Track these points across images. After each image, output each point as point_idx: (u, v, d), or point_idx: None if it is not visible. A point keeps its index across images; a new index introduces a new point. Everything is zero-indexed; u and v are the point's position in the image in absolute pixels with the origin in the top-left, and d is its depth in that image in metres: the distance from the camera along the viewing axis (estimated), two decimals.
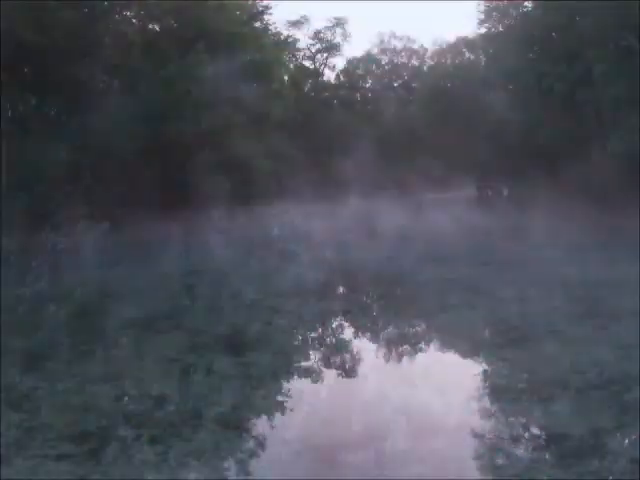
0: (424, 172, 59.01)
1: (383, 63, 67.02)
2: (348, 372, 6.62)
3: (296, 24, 62.46)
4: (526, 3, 36.53)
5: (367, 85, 69.37)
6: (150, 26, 29.37)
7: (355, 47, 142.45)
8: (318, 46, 65.13)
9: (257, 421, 5.10)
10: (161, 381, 5.94)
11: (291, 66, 60.03)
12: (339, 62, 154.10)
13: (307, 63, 65.66)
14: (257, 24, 40.60)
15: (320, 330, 8.68)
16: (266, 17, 41.66)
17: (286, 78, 53.96)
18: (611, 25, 25.78)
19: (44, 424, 4.88)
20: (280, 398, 5.64)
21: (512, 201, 43.56)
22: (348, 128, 56.39)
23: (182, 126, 29.85)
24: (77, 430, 4.75)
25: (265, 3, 41.72)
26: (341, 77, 68.04)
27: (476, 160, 47.71)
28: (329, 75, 66.27)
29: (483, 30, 41.79)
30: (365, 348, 7.54)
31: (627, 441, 4.43)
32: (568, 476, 3.87)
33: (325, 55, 66.01)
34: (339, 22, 65.10)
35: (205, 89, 31.11)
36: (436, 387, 5.82)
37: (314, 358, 7.01)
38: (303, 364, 6.73)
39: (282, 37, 50.84)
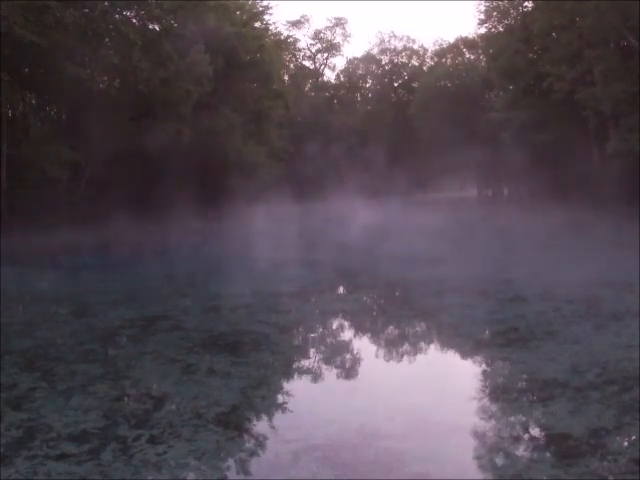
0: (424, 172, 59.17)
1: (383, 63, 67.07)
2: (342, 363, 6.66)
3: (296, 24, 62.73)
4: (526, 3, 36.57)
5: (367, 85, 69.49)
6: (150, 26, 29.34)
7: (355, 47, 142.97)
8: (318, 46, 65.38)
9: (257, 421, 5.10)
10: None
11: (291, 66, 60.12)
12: (339, 62, 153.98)
13: (307, 63, 65.93)
14: (257, 24, 40.66)
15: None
16: (266, 17, 41.81)
17: (286, 78, 54.04)
18: (611, 25, 25.79)
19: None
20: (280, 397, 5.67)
21: (512, 201, 43.68)
22: (348, 128, 56.47)
23: (181, 126, 29.86)
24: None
25: (265, 3, 41.95)
26: (341, 77, 68.19)
27: (476, 160, 47.78)
28: (329, 75, 66.49)
29: (483, 30, 41.87)
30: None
31: (627, 441, 4.44)
32: (568, 476, 3.87)
33: (325, 55, 66.26)
34: (339, 22, 65.38)
35: (205, 89, 31.14)
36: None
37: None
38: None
39: (282, 37, 50.93)
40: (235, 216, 32.08)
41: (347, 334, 8.47)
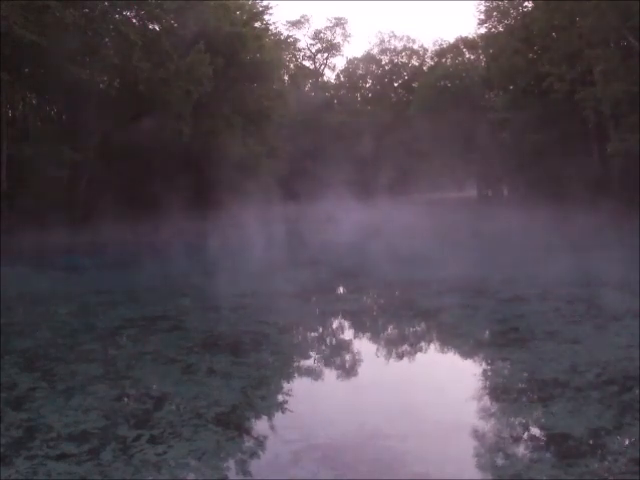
0: (424, 172, 59.10)
1: (383, 63, 67.00)
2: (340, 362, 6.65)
3: (296, 24, 62.64)
4: (526, 3, 36.56)
5: (367, 85, 69.42)
6: (150, 26, 29.32)
7: (355, 47, 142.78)
8: (318, 46, 65.28)
9: (257, 421, 5.10)
10: None
11: (291, 66, 60.07)
12: (339, 62, 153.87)
13: (307, 63, 65.81)
14: (257, 24, 40.58)
15: None
16: (266, 17, 41.70)
17: (286, 78, 54.00)
18: (611, 25, 25.77)
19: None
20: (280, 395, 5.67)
21: (513, 201, 43.63)
22: (347, 128, 56.42)
23: (181, 126, 29.81)
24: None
25: (265, 3, 41.79)
26: (341, 77, 68.11)
27: (476, 160, 47.75)
28: (329, 75, 66.26)
29: (483, 30, 41.85)
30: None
31: (627, 441, 4.44)
32: (568, 476, 3.87)
33: (325, 55, 66.14)
34: (339, 22, 65.26)
35: (205, 89, 31.10)
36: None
37: None
38: None
39: (282, 37, 50.87)
40: (235, 216, 32.05)
41: (347, 334, 8.47)
